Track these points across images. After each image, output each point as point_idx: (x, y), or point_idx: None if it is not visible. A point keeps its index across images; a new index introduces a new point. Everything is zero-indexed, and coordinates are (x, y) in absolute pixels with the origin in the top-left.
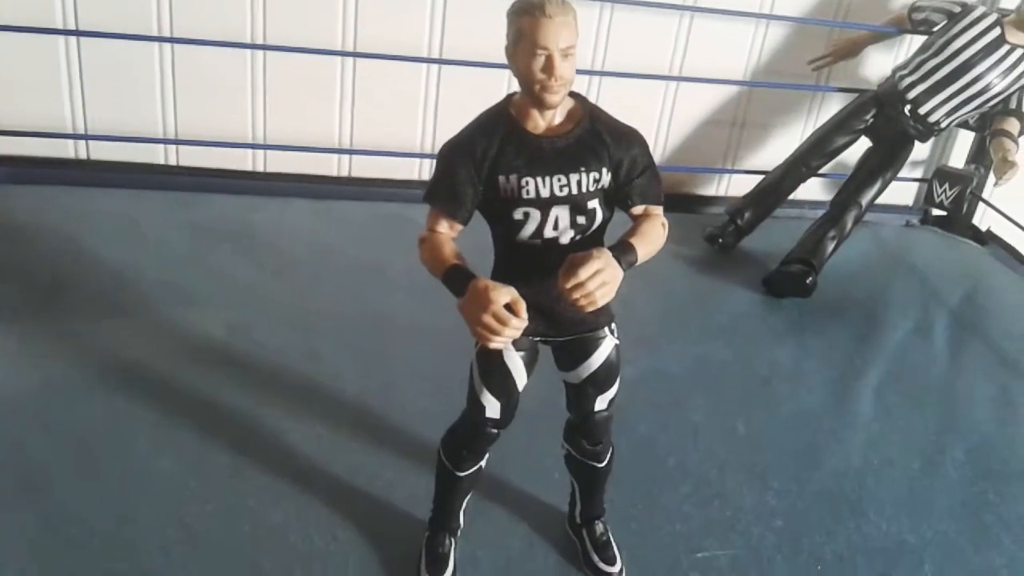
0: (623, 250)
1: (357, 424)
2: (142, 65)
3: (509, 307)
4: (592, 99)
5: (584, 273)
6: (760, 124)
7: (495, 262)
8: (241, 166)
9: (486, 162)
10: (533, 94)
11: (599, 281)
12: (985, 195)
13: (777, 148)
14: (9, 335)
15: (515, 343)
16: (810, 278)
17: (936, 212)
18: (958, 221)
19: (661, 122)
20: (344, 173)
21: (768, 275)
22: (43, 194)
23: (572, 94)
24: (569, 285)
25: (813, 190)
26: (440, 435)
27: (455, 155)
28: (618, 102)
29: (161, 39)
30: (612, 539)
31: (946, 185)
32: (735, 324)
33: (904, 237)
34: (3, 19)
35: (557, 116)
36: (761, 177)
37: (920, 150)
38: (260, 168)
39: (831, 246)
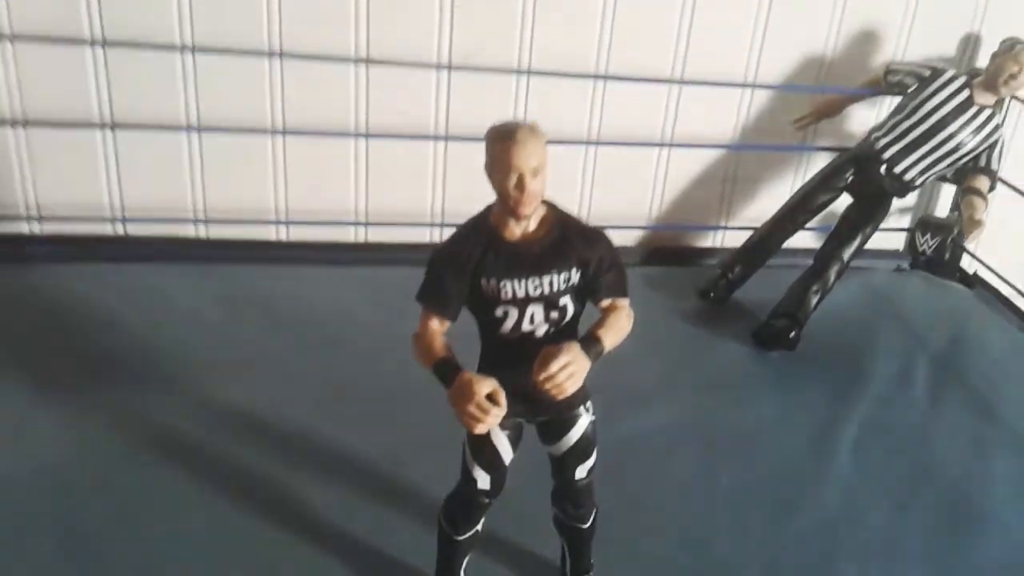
0: (591, 343)
1: (375, 487)
2: (172, 151)
3: (491, 396)
4: (590, 165)
5: (554, 367)
6: (751, 179)
7: (481, 351)
8: (265, 238)
9: (469, 267)
10: (508, 207)
11: (567, 373)
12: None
13: (768, 201)
14: (53, 405)
15: (500, 423)
16: (793, 332)
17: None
18: (945, 266)
19: (656, 183)
20: (360, 240)
21: (756, 329)
22: (86, 271)
23: (544, 202)
24: (541, 378)
25: (803, 239)
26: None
27: (443, 261)
28: (615, 166)
29: (189, 128)
30: None
31: (928, 234)
32: (724, 378)
33: (893, 282)
34: (49, 116)
35: (531, 224)
36: (751, 231)
37: (908, 199)
38: (283, 238)
39: (815, 299)
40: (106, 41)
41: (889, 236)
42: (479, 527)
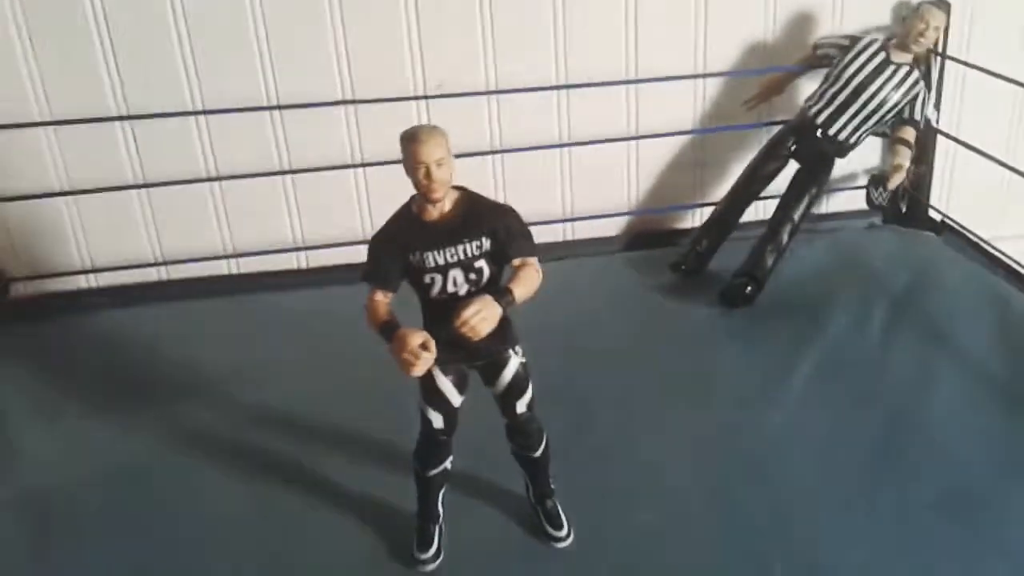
0: (501, 294)
1: (373, 453)
2: (199, 201)
3: (424, 345)
4: (565, 167)
5: (467, 313)
6: (718, 163)
7: (422, 312)
8: (288, 267)
9: (399, 245)
10: (423, 194)
11: (479, 317)
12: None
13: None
14: (105, 421)
15: (443, 369)
16: (749, 288)
17: (897, 214)
18: (914, 217)
19: (630, 177)
20: None
21: (722, 290)
22: (132, 312)
23: (457, 188)
24: (457, 323)
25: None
26: None
27: (378, 245)
28: (587, 167)
29: (211, 179)
30: (561, 511)
31: (880, 188)
32: (690, 335)
33: (864, 237)
34: (87, 183)
35: (446, 206)
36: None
37: (871, 160)
38: (304, 266)
39: (771, 259)
40: (131, 115)
41: (859, 196)
42: (447, 465)
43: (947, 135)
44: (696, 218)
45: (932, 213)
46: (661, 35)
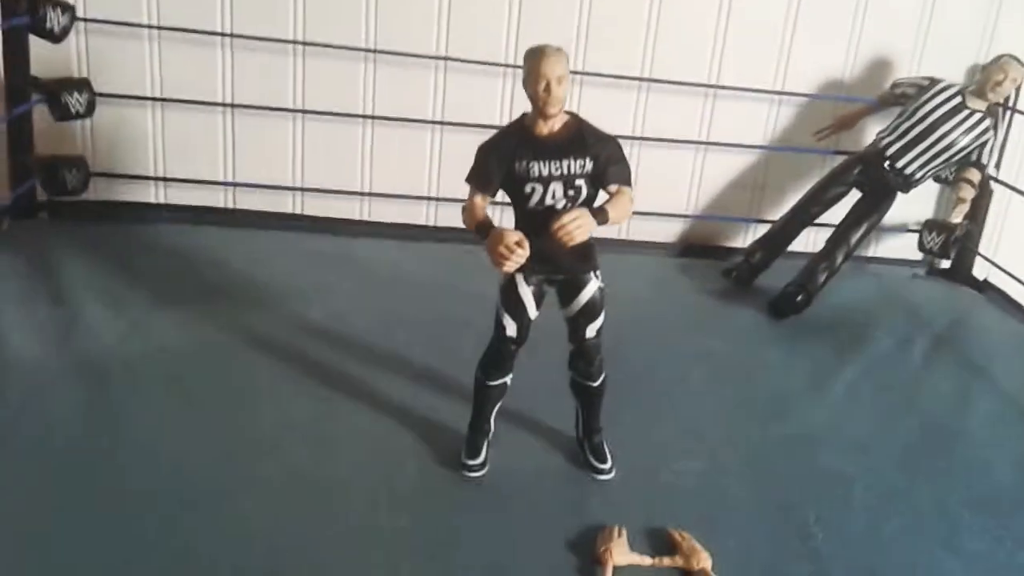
0: (598, 211)
1: (422, 377)
2: (281, 134)
3: (518, 244)
4: (633, 168)
5: (566, 218)
6: (778, 187)
7: (514, 225)
8: (350, 216)
9: (507, 153)
10: (538, 108)
11: (576, 224)
12: (983, 250)
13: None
14: (169, 312)
15: (525, 280)
16: (801, 296)
17: (940, 265)
18: (959, 272)
19: (692, 185)
20: (431, 223)
21: (771, 300)
22: (200, 232)
23: (568, 112)
24: (555, 226)
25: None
26: None
27: (487, 151)
28: (653, 168)
29: (295, 110)
30: (607, 447)
31: (934, 233)
32: (738, 333)
33: (908, 284)
34: (179, 92)
35: (556, 124)
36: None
37: (925, 212)
38: (366, 217)
39: (823, 276)
40: (234, 34)
41: (908, 246)
42: (507, 380)
43: (1005, 183)
44: (750, 236)
45: (979, 261)
46: (747, 48)
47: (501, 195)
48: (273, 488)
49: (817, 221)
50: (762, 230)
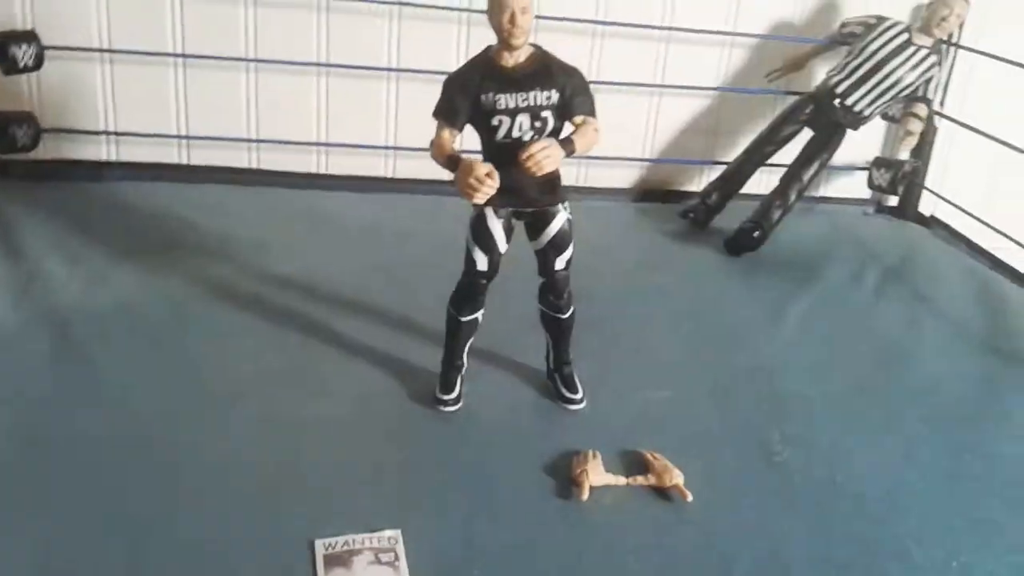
0: (564, 141)
1: (391, 322)
2: (233, 86)
3: (490, 175)
4: None
5: (534, 148)
6: (731, 130)
7: (483, 158)
8: (307, 169)
9: (473, 86)
10: (502, 39)
11: (545, 154)
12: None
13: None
14: (132, 265)
15: (495, 212)
16: (757, 232)
17: (889, 203)
18: (907, 209)
19: (647, 132)
20: (390, 175)
21: (727, 238)
22: (157, 187)
23: (532, 44)
24: (524, 156)
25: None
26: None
27: (453, 84)
28: (609, 118)
29: (247, 60)
30: (577, 379)
31: (882, 170)
32: (695, 271)
33: (858, 221)
34: (128, 44)
35: (521, 56)
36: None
37: (872, 151)
38: (323, 170)
39: (777, 213)
40: None
41: (856, 184)
42: (479, 316)
43: (950, 118)
44: (705, 179)
45: (925, 198)
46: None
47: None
48: (251, 433)
49: (770, 161)
50: (717, 172)
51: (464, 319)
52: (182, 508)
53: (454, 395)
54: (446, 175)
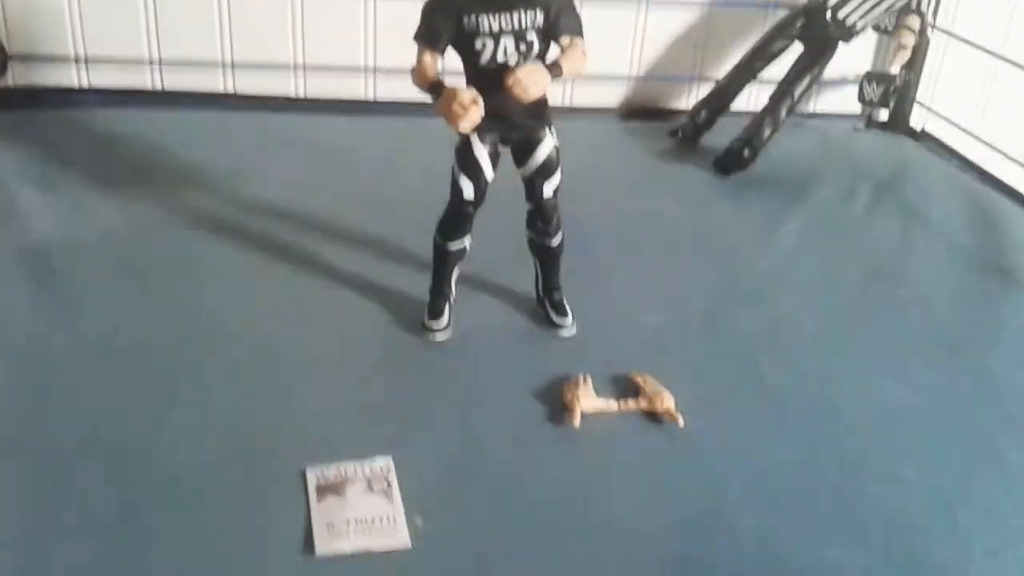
0: (551, 64)
1: (376, 250)
2: (204, 7)
3: (475, 101)
4: None
5: (520, 72)
6: (720, 45)
7: (466, 84)
8: (285, 93)
9: (454, 8)
10: None
11: (531, 79)
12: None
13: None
14: (108, 193)
15: (480, 139)
16: (747, 150)
17: (879, 118)
18: (898, 123)
19: (634, 48)
20: (370, 97)
21: (716, 157)
22: (130, 114)
23: None
24: (510, 81)
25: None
26: None
27: (434, 6)
28: (594, 34)
29: None
30: (566, 304)
31: (873, 83)
32: (686, 190)
33: (848, 137)
34: None
35: None
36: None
37: (863, 66)
38: (301, 94)
39: (768, 130)
40: None
41: (847, 98)
42: (466, 244)
43: (943, 30)
44: (693, 97)
45: (916, 112)
46: None
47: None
48: (236, 364)
49: (759, 77)
50: (706, 90)
51: (451, 247)
52: (167, 441)
53: (443, 323)
54: (429, 97)
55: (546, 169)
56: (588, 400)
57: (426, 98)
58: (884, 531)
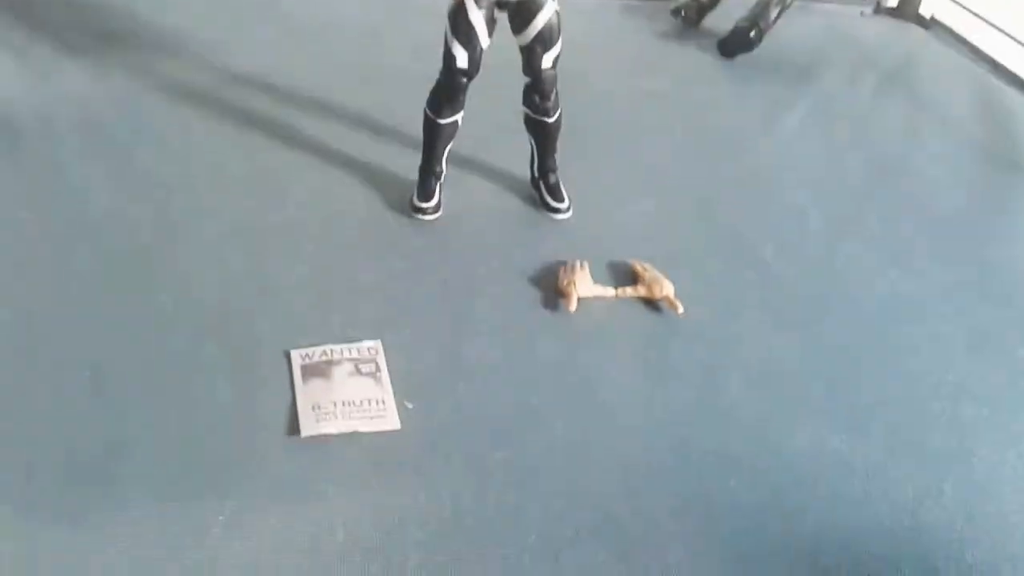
0: None
1: (362, 126)
2: None
3: None
4: None
5: None
6: None
7: None
8: None
9: None
10: None
11: None
12: None
13: None
14: (77, 58)
15: (476, 3)
16: (753, 31)
17: (888, 3)
18: (906, 10)
19: None
20: None
21: (720, 39)
22: None
23: None
24: None
25: None
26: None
27: None
28: None
29: None
30: (562, 186)
31: None
32: (688, 72)
33: (856, 23)
34: None
35: None
36: None
37: None
38: None
39: (775, 12)
40: None
41: None
42: (458, 118)
43: None
44: None
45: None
46: None
47: None
48: (217, 243)
49: None
50: None
51: (443, 121)
52: (142, 323)
53: (433, 203)
54: None
55: (546, 36)
56: (585, 286)
57: None
58: (885, 422)
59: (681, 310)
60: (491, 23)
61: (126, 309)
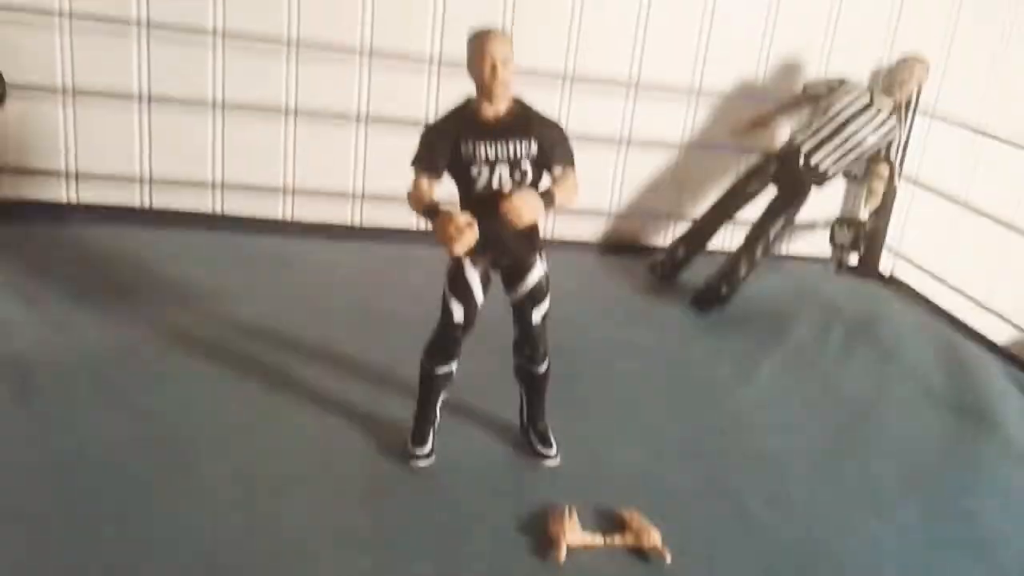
0: (543, 193)
1: (359, 372)
2: (199, 129)
3: (470, 225)
4: None
5: (514, 199)
6: (697, 185)
7: (460, 209)
8: (272, 215)
9: (452, 136)
10: (484, 91)
11: (525, 205)
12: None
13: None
14: (89, 311)
15: (473, 263)
16: (724, 289)
17: (849, 262)
18: (867, 268)
19: (614, 185)
20: (356, 223)
21: (693, 295)
22: (117, 231)
23: (514, 97)
24: (504, 207)
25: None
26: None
27: (432, 133)
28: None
29: (214, 104)
30: (551, 435)
31: (844, 226)
32: (665, 325)
33: (820, 280)
34: (92, 84)
35: (501, 108)
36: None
37: (832, 212)
38: (288, 217)
39: (744, 269)
40: (150, 23)
41: (821, 246)
42: (453, 368)
43: (913, 180)
44: (671, 234)
45: (885, 258)
46: (665, 49)
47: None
48: (218, 490)
49: (735, 219)
50: (684, 227)
51: (439, 371)
52: (135, 564)
53: (427, 449)
54: (414, 225)
55: (535, 295)
56: (574, 534)
57: (410, 226)
58: None
59: (669, 559)
60: (486, 282)
61: (119, 549)
